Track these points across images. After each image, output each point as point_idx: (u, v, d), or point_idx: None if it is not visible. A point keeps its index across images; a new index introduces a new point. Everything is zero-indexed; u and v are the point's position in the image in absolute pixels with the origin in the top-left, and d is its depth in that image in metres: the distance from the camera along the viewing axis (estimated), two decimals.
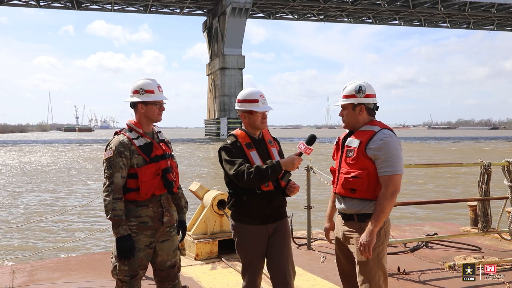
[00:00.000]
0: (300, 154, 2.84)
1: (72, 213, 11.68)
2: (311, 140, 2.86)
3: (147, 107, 2.89)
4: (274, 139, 3.13)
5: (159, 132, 3.04)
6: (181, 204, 3.08)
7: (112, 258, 2.88)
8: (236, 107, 3.04)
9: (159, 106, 2.93)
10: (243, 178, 2.75)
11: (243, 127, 3.05)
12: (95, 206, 12.48)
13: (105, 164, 2.80)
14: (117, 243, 2.75)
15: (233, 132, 3.04)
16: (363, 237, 2.68)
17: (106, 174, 2.78)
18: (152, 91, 2.90)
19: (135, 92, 2.91)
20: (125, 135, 2.86)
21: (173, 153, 3.05)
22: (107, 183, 2.76)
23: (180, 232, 3.09)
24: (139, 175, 2.79)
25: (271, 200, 2.91)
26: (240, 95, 3.03)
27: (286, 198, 3.04)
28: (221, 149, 2.94)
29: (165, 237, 2.95)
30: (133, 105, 2.93)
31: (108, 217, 2.73)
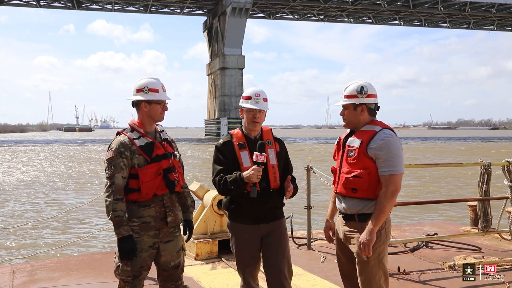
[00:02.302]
0: (258, 164, 2.83)
1: (72, 213, 11.67)
2: (260, 147, 2.87)
3: (151, 106, 2.88)
4: (277, 140, 3.12)
5: (162, 131, 3.01)
6: (187, 204, 3.06)
7: (115, 258, 2.87)
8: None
9: (162, 105, 2.91)
10: (217, 188, 2.94)
11: (242, 127, 3.09)
12: (94, 206, 12.48)
13: (106, 164, 2.79)
14: (118, 244, 2.74)
15: (232, 131, 3.10)
16: (363, 236, 2.69)
17: (107, 174, 2.77)
18: (156, 90, 2.89)
19: (139, 90, 2.89)
20: (126, 135, 2.84)
21: (176, 152, 3.01)
22: (108, 183, 2.75)
23: (187, 231, 3.07)
24: (140, 175, 2.78)
25: (264, 200, 2.94)
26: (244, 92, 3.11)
27: (287, 198, 3.04)
28: (215, 148, 3.03)
29: (169, 238, 2.93)
30: (136, 103, 2.90)
31: (109, 217, 2.72)
